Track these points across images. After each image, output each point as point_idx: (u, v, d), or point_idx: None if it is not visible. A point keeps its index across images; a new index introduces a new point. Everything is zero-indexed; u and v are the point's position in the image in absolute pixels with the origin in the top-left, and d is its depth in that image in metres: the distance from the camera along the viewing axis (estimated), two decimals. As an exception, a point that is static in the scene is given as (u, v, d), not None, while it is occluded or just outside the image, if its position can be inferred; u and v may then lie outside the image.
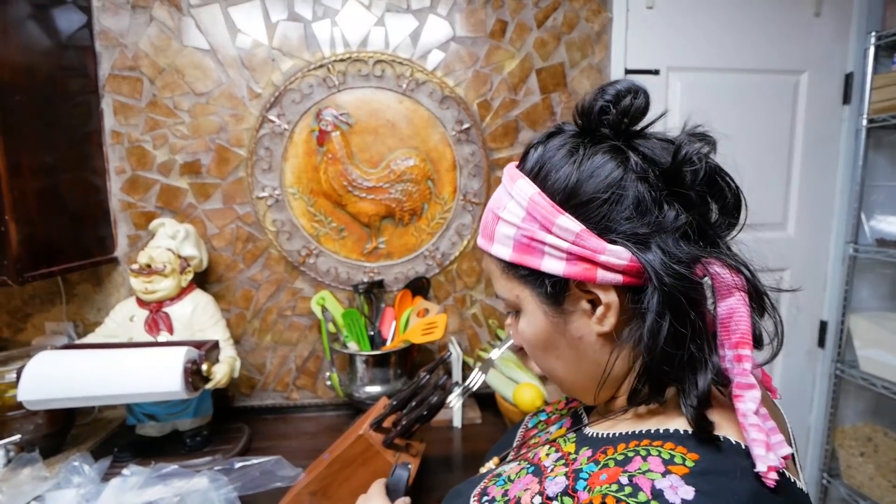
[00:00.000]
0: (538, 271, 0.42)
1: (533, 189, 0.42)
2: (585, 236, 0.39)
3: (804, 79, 1.40)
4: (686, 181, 0.39)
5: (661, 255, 0.38)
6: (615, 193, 0.39)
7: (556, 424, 0.56)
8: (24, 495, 0.83)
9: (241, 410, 1.28)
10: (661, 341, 0.38)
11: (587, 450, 0.43)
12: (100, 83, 1.17)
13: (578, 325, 0.44)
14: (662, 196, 0.39)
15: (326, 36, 1.21)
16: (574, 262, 0.40)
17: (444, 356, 0.91)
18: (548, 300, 0.44)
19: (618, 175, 0.40)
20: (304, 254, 1.27)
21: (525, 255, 0.43)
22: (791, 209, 1.45)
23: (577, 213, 0.40)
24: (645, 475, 0.35)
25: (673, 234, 0.38)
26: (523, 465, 0.48)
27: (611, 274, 0.40)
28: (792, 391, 1.52)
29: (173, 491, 0.86)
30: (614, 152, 0.41)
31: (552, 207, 0.41)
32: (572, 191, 0.41)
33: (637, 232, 0.39)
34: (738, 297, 0.38)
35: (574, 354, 0.45)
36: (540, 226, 0.41)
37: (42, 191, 0.99)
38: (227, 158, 1.22)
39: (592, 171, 0.40)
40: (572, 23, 1.28)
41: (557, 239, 0.40)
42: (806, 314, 1.50)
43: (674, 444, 0.38)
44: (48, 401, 0.90)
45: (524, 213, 0.42)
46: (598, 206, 0.40)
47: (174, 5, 1.17)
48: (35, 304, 1.22)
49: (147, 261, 1.04)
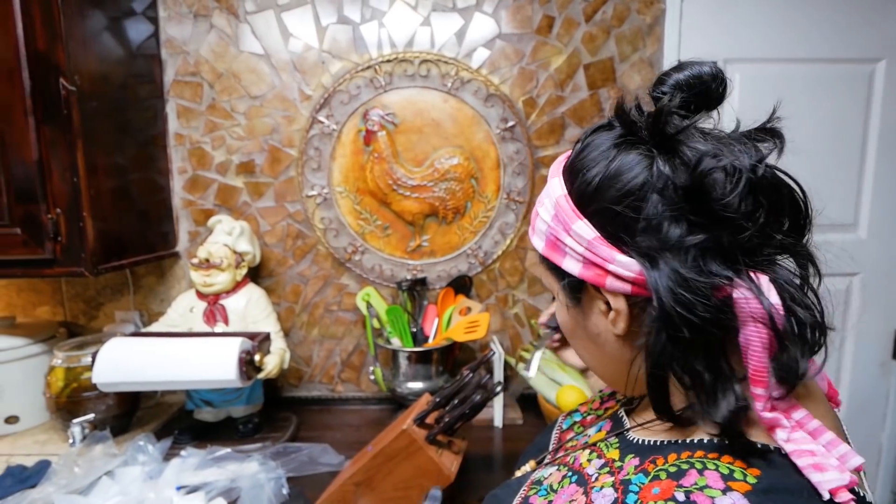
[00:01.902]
0: (561, 268, 0.44)
1: (561, 191, 0.43)
2: (597, 244, 0.39)
3: (881, 67, 1.29)
4: (711, 196, 0.35)
5: (669, 273, 0.35)
6: (633, 203, 0.38)
7: (594, 427, 0.54)
8: (97, 470, 0.90)
9: (289, 400, 1.33)
10: (664, 357, 0.37)
11: (633, 458, 0.41)
12: (165, 89, 1.25)
13: (596, 322, 0.45)
14: (677, 211, 0.36)
15: (374, 37, 1.24)
16: (588, 266, 0.41)
17: (486, 355, 0.91)
18: (569, 295, 0.46)
19: (638, 183, 0.38)
20: (351, 251, 1.30)
21: (552, 251, 0.44)
22: (863, 209, 1.34)
23: (594, 218, 0.40)
24: (703, 492, 0.33)
25: (690, 252, 0.35)
26: (565, 473, 0.47)
27: (619, 283, 0.39)
28: (863, 406, 1.41)
29: (227, 473, 0.91)
30: (645, 157, 0.39)
31: (572, 211, 0.41)
32: (593, 195, 0.40)
33: (648, 246, 0.37)
34: (753, 327, 0.35)
35: (595, 348, 0.47)
36: (563, 227, 0.42)
37: (114, 190, 1.07)
38: (279, 158, 1.27)
39: (616, 175, 0.39)
40: (623, 15, 1.24)
41: (574, 242, 0.41)
42: (879, 322, 1.38)
43: (731, 457, 0.35)
44: (118, 384, 0.97)
45: (553, 213, 0.43)
46: (614, 214, 0.38)
47: (232, 13, 1.23)
48: (106, 294, 1.32)
49: (206, 256, 1.11)
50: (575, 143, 0.46)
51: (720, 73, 0.40)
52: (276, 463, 0.93)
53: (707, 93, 0.40)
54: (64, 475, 0.89)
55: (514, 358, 1.31)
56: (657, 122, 0.39)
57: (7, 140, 0.93)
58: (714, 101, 0.40)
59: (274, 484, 0.87)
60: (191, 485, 0.87)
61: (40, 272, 0.99)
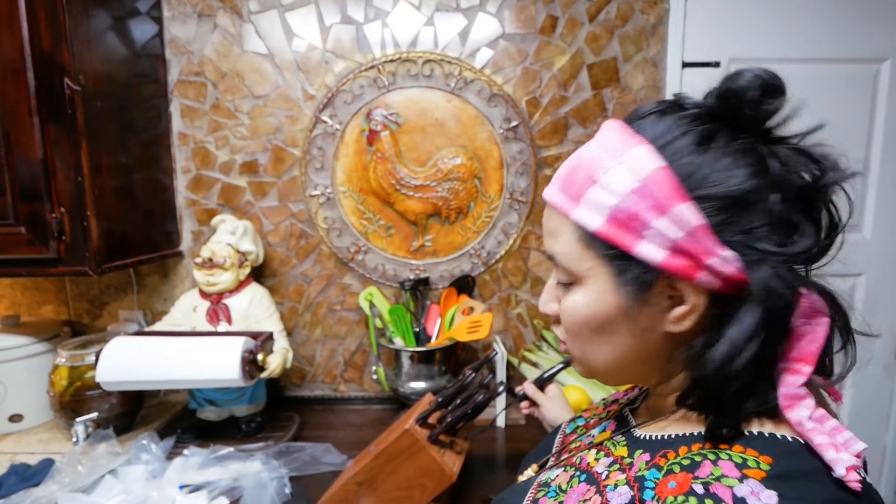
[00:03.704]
0: (627, 253, 0.38)
1: (658, 163, 0.37)
2: (702, 233, 0.36)
3: (886, 67, 1.28)
4: (821, 204, 0.38)
5: (773, 274, 0.35)
6: (748, 198, 0.36)
7: (597, 427, 0.54)
8: (101, 468, 0.90)
9: (292, 400, 1.33)
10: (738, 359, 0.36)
11: (643, 453, 0.41)
12: (169, 88, 1.25)
13: (651, 317, 0.40)
14: (797, 215, 0.37)
15: (377, 37, 1.24)
16: (677, 255, 0.36)
17: (489, 355, 0.91)
18: (628, 285, 0.39)
19: (756, 179, 0.36)
20: (353, 250, 1.30)
21: (621, 230, 0.37)
22: (868, 210, 1.34)
23: (699, 205, 0.36)
24: (721, 482, 0.33)
25: (797, 258, 0.37)
26: (572, 473, 0.46)
27: (711, 277, 0.37)
28: (866, 408, 1.40)
29: (229, 472, 0.91)
30: (753, 152, 0.37)
31: (674, 190, 0.36)
32: (702, 180, 0.36)
33: (756, 247, 0.36)
34: (820, 320, 0.37)
35: (631, 344, 0.41)
36: (653, 205, 0.36)
37: (118, 189, 1.07)
38: (282, 158, 1.28)
39: (729, 166, 0.36)
40: (626, 15, 1.24)
41: (669, 226, 0.36)
42: (883, 323, 1.38)
43: (742, 446, 0.36)
44: (121, 382, 0.98)
45: (636, 186, 0.37)
46: (726, 205, 0.36)
47: (236, 13, 1.23)
48: (110, 294, 1.33)
49: (209, 255, 1.11)
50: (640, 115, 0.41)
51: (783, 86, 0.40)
52: (279, 462, 0.93)
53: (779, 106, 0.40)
54: (67, 474, 0.90)
55: (516, 358, 1.31)
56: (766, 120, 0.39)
57: (12, 139, 0.93)
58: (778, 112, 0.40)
59: (276, 483, 0.88)
60: (193, 484, 0.87)
61: (45, 271, 0.99)
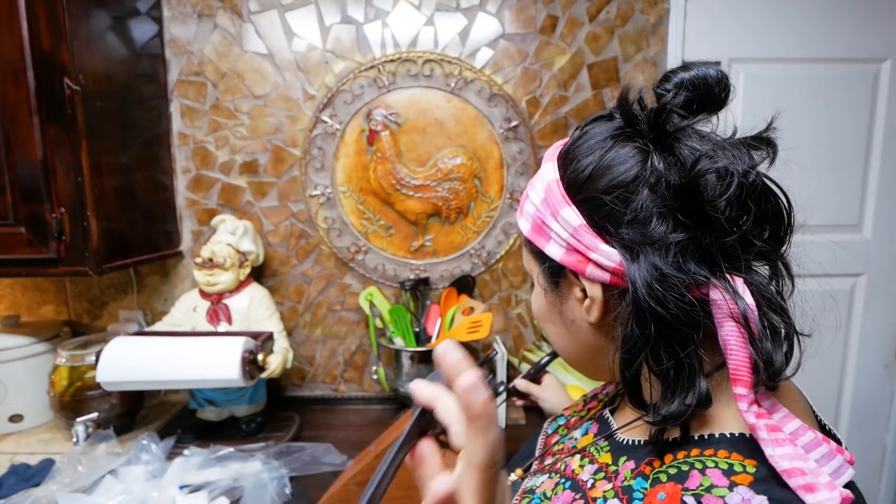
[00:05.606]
0: (543, 253, 0.44)
1: (553, 175, 0.43)
2: (582, 232, 0.40)
3: (886, 67, 1.28)
4: (702, 197, 0.36)
5: (648, 267, 0.36)
6: (622, 195, 0.38)
7: (578, 429, 0.54)
8: (100, 468, 0.90)
9: (292, 400, 1.33)
10: (635, 348, 0.37)
11: (628, 461, 0.41)
12: (169, 88, 1.25)
13: (572, 308, 0.45)
14: (666, 208, 0.37)
15: (377, 37, 1.24)
16: (570, 252, 0.41)
17: (489, 355, 0.91)
18: (547, 279, 0.46)
19: (630, 176, 0.38)
20: (354, 250, 1.30)
21: (537, 234, 0.44)
22: (868, 210, 1.34)
23: (582, 206, 0.40)
24: (711, 493, 0.33)
25: (672, 249, 0.36)
26: (557, 480, 0.46)
27: (599, 271, 0.40)
28: (867, 407, 1.40)
29: (230, 472, 0.91)
30: (640, 151, 0.39)
31: (562, 197, 0.41)
32: (584, 183, 0.41)
33: (631, 238, 0.38)
34: (729, 326, 0.36)
35: (567, 333, 0.47)
36: (551, 212, 0.42)
37: (118, 189, 1.07)
38: (282, 158, 1.28)
39: (609, 166, 0.40)
40: (626, 15, 1.24)
41: (560, 228, 0.41)
42: (883, 323, 1.38)
43: (726, 450, 0.36)
44: (122, 382, 0.98)
45: (543, 196, 0.43)
46: (602, 203, 0.39)
47: (236, 12, 1.23)
48: (110, 294, 1.33)
49: (209, 255, 1.11)
50: (573, 130, 0.46)
51: (725, 77, 0.40)
52: (279, 462, 0.93)
53: (710, 95, 0.40)
54: (67, 474, 0.90)
55: (516, 358, 1.31)
56: (658, 118, 0.39)
57: (12, 139, 0.93)
58: (716, 105, 0.40)
59: (276, 483, 0.88)
60: (194, 484, 0.87)
61: (45, 271, 0.99)
